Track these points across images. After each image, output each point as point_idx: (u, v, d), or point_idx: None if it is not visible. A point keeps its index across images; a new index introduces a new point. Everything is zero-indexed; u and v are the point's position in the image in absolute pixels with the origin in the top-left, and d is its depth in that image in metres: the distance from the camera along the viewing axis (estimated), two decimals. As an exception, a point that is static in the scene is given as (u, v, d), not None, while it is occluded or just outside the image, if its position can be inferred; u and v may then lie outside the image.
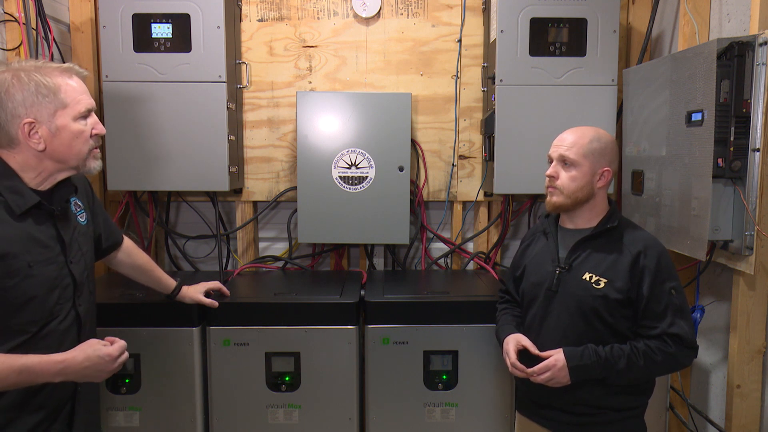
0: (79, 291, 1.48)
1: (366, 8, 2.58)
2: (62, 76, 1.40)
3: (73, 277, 1.46)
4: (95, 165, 1.48)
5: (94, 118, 1.46)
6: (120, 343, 1.45)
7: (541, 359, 1.63)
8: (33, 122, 1.35)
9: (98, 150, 1.49)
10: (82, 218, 1.56)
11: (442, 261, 2.74)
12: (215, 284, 2.13)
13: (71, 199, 1.53)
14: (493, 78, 2.38)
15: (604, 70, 2.35)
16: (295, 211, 2.58)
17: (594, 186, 1.65)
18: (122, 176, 2.37)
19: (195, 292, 2.05)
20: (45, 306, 1.39)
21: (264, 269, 2.69)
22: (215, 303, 2.07)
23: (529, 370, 1.63)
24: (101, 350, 1.40)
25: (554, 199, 1.69)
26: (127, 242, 1.89)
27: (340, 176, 2.45)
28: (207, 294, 2.08)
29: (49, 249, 1.41)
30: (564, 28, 2.33)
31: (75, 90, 1.41)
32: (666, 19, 2.49)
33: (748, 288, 1.94)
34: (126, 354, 1.46)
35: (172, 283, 2.01)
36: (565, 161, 1.66)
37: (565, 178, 1.65)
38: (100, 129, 1.47)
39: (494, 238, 2.70)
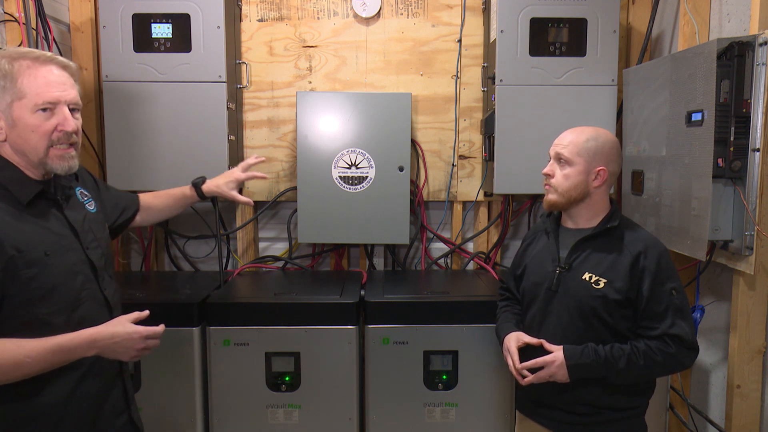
0: (100, 276, 1.49)
1: (366, 8, 2.58)
2: (33, 65, 1.32)
3: (91, 262, 1.46)
4: (59, 165, 1.37)
5: (63, 113, 1.35)
6: (154, 328, 1.45)
7: (544, 352, 1.63)
8: None
9: (70, 149, 1.39)
10: (90, 207, 1.55)
11: (442, 261, 2.74)
12: (244, 167, 2.04)
13: (76, 189, 1.53)
14: (493, 78, 2.38)
15: (604, 70, 2.35)
16: (295, 211, 2.58)
17: (589, 185, 1.65)
18: (122, 176, 2.36)
19: (226, 188, 1.98)
20: (70, 293, 1.39)
21: (264, 269, 2.69)
22: (250, 201, 2.05)
23: (527, 363, 1.62)
24: (129, 327, 1.40)
25: (549, 196, 1.69)
26: (143, 198, 1.89)
27: (340, 176, 2.45)
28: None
29: (63, 237, 1.41)
30: (564, 28, 2.33)
31: (41, 81, 1.32)
32: (666, 19, 2.49)
33: (748, 288, 1.93)
34: (156, 341, 1.46)
35: (187, 189, 1.97)
36: (560, 159, 1.66)
37: (559, 176, 1.66)
38: (67, 125, 1.35)
39: (494, 238, 2.70)
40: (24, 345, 1.28)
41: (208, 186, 1.98)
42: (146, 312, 1.47)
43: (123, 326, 1.40)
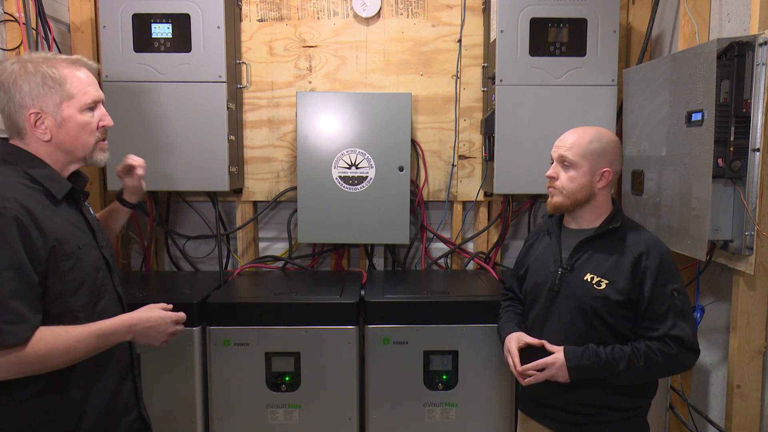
0: (113, 273, 1.54)
1: (366, 8, 2.58)
2: (70, 68, 1.41)
3: (105, 260, 1.51)
4: (102, 157, 1.49)
5: (101, 110, 1.47)
6: (180, 313, 1.54)
7: (545, 352, 1.63)
8: (39, 113, 1.37)
9: (106, 142, 1.50)
10: (92, 211, 1.60)
11: (442, 261, 2.74)
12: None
13: None
14: (493, 78, 2.38)
15: (604, 70, 2.35)
16: (295, 211, 2.58)
17: (594, 186, 1.65)
18: (122, 176, 2.37)
19: (124, 179, 1.79)
20: (94, 287, 1.45)
21: (264, 269, 2.69)
22: (139, 161, 1.76)
23: (528, 366, 1.62)
24: (161, 312, 1.50)
25: (554, 199, 1.69)
26: None
27: (340, 176, 2.45)
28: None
29: (86, 234, 1.46)
30: (564, 28, 2.33)
31: (82, 82, 1.42)
32: (666, 19, 2.49)
33: (748, 288, 1.93)
34: (182, 327, 1.55)
35: (115, 204, 1.84)
36: (564, 161, 1.66)
37: (564, 178, 1.65)
38: (108, 121, 1.48)
39: (494, 238, 2.70)
40: (71, 331, 1.34)
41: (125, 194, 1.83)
42: (170, 306, 1.55)
43: (156, 311, 1.49)
